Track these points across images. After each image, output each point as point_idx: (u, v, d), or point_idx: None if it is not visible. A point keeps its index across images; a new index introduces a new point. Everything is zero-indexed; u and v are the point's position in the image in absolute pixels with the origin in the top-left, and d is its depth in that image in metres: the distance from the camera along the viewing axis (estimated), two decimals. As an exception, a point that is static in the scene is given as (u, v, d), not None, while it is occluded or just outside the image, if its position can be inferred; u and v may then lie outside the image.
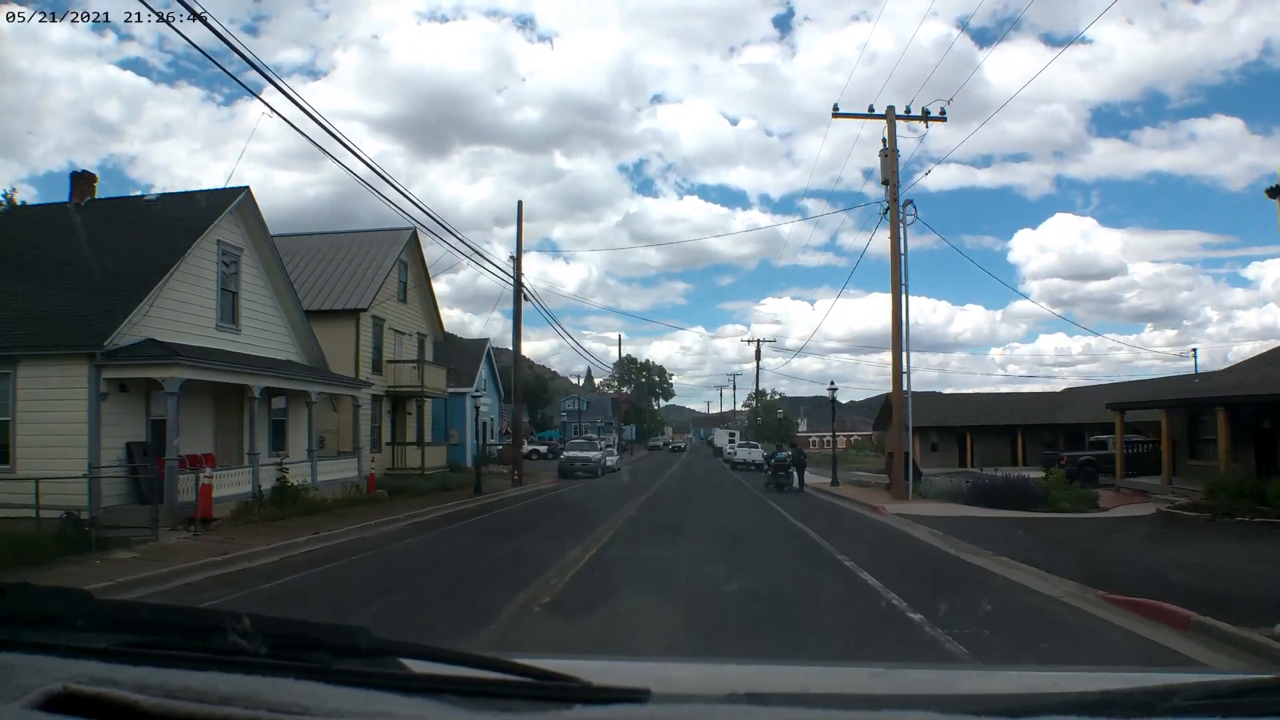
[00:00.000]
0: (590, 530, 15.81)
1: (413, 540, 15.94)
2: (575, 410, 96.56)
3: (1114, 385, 57.68)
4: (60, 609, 1.26)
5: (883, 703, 1.35)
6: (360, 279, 30.51)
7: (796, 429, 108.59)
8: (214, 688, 1.01)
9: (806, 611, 8.76)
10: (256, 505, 19.08)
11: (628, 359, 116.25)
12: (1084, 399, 54.49)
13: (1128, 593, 8.70)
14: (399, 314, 32.74)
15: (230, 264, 21.96)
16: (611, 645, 6.96)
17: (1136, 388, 53.65)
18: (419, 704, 1.09)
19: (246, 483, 19.52)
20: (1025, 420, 51.21)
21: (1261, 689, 1.32)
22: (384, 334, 31.28)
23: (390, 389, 31.32)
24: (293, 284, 30.10)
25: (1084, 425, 51.22)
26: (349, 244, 33.26)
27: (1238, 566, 11.36)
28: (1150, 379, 52.74)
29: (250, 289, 22.88)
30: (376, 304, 30.25)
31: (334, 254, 32.46)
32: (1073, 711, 1.16)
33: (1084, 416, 50.87)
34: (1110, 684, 1.60)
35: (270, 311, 23.93)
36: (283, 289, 24.43)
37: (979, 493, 20.14)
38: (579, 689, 1.19)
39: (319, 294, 30.11)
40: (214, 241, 21.24)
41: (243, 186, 22.44)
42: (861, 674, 1.90)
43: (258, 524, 17.43)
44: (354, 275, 30.79)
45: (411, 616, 8.38)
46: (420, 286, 34.87)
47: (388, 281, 31.05)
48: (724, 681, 1.51)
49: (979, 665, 6.11)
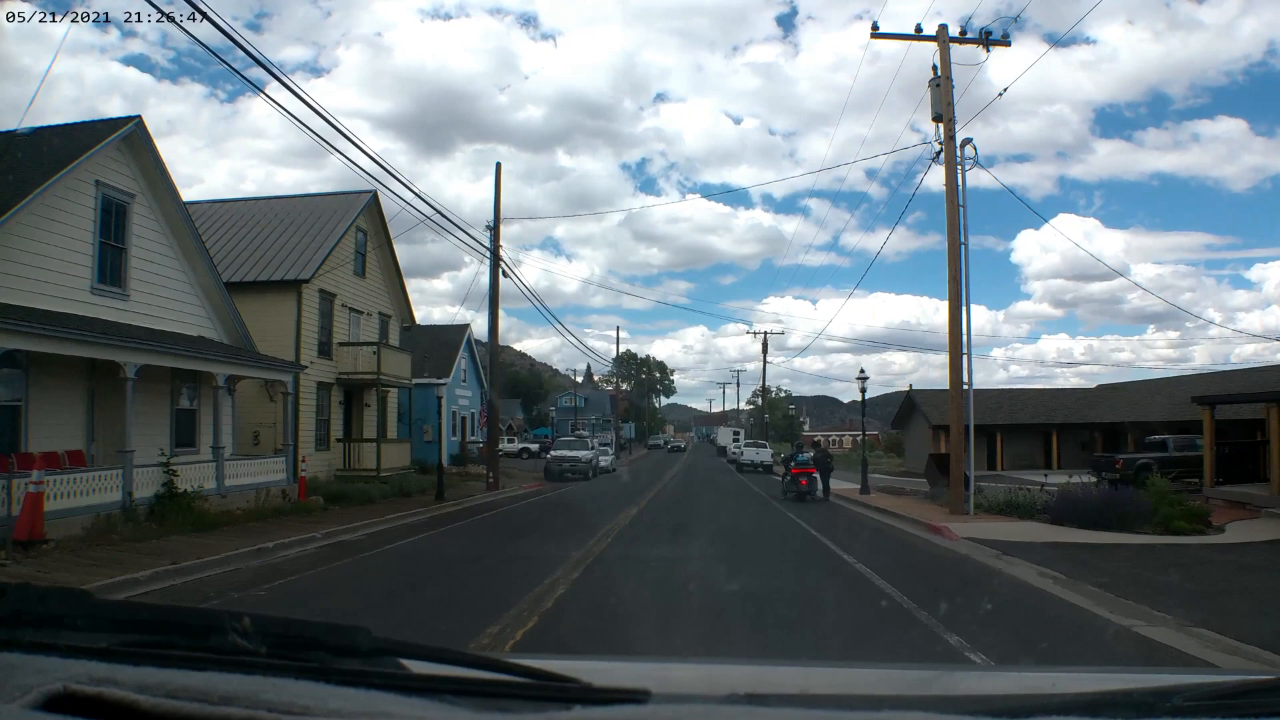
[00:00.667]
0: (553, 563, 11.28)
1: (304, 576, 11.36)
2: (572, 407, 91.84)
3: (1148, 382, 52.99)
4: (60, 609, 1.27)
5: (883, 703, 1.32)
6: (305, 247, 25.92)
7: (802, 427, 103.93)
8: (214, 687, 1.00)
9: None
10: (124, 520, 14.54)
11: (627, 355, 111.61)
12: (1120, 396, 49.89)
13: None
14: (355, 290, 28.16)
15: (115, 212, 17.40)
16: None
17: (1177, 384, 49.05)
18: (419, 704, 1.07)
19: (114, 489, 14.95)
20: (1059, 419, 46.54)
21: (1262, 689, 1.28)
22: (334, 312, 26.69)
23: (343, 376, 26.75)
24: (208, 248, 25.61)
25: (1123, 424, 46.65)
26: (295, 209, 28.66)
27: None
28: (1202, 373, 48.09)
29: (146, 247, 18.32)
30: (324, 275, 25.66)
31: (275, 220, 27.88)
32: (1073, 711, 1.14)
33: (1122, 415, 46.22)
34: (1110, 684, 1.58)
35: (175, 277, 19.37)
36: (194, 252, 19.87)
37: (1067, 508, 15.56)
38: (579, 689, 1.18)
39: (253, 263, 25.55)
40: (91, 182, 16.70)
41: (133, 116, 17.87)
42: (861, 674, 1.90)
43: (115, 545, 13.01)
44: (298, 243, 26.20)
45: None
46: (383, 259, 30.27)
47: (339, 250, 26.45)
48: (724, 681, 1.50)
49: (979, 665, 6.09)
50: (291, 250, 25.82)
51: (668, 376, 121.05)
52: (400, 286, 31.47)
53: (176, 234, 19.38)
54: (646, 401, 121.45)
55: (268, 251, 25.96)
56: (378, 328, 29.87)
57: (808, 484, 23.19)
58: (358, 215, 27.75)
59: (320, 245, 25.92)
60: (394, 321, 31.33)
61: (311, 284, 24.95)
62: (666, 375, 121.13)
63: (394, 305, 31.29)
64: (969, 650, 6.70)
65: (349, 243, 27.58)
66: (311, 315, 25.23)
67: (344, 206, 28.32)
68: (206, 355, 17.73)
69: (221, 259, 25.72)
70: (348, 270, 27.60)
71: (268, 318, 24.37)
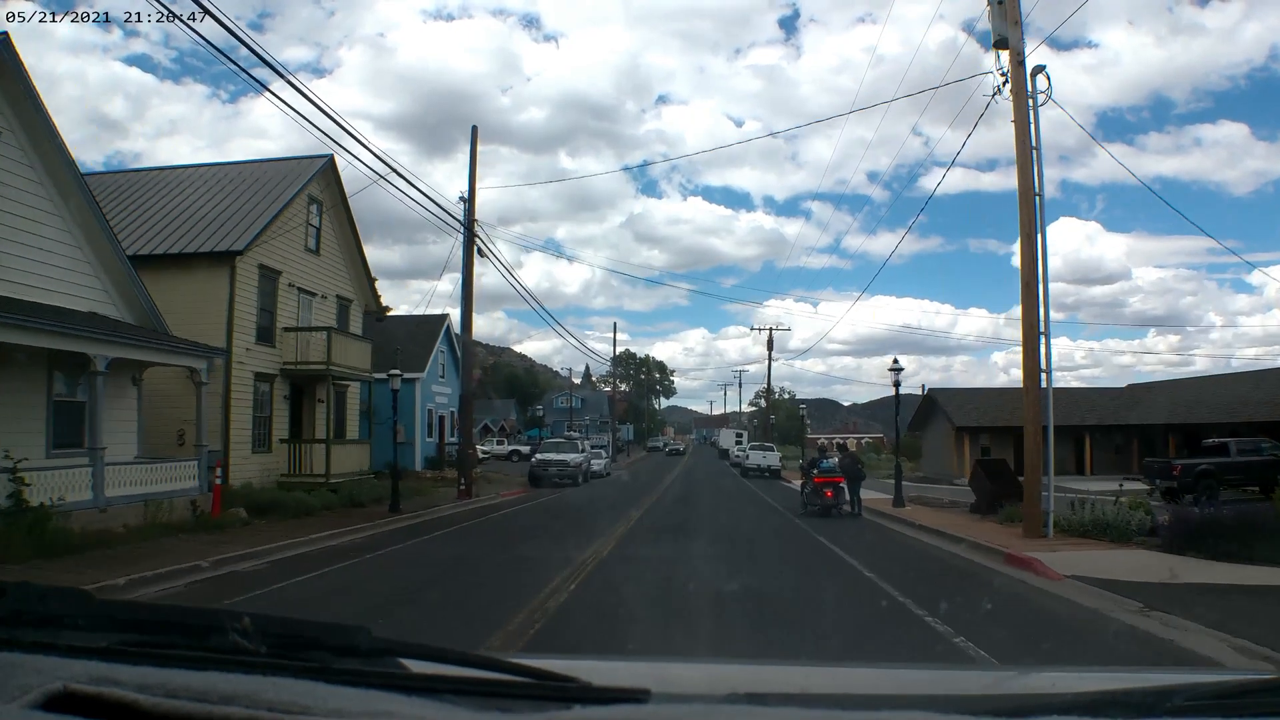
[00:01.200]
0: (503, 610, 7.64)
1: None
2: (568, 408, 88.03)
3: (1187, 381, 49.21)
4: (60, 608, 1.26)
5: (883, 703, 1.32)
6: (242, 215, 22.22)
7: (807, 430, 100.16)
8: (214, 687, 0.99)
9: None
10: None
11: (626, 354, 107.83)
12: (1157, 396, 46.06)
13: None
14: (307, 268, 24.45)
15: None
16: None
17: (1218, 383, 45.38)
18: (419, 704, 1.07)
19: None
20: (1091, 420, 42.73)
21: (1262, 689, 1.28)
22: (279, 292, 22.97)
23: (289, 367, 23.03)
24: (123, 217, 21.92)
25: (1160, 426, 42.92)
26: (235, 176, 24.97)
27: None
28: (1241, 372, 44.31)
29: (16, 199, 14.65)
30: (264, 247, 21.96)
31: (211, 187, 24.19)
32: (1073, 711, 1.13)
33: (1163, 416, 42.42)
34: (1110, 684, 1.56)
35: (58, 239, 15.67)
36: (84, 210, 16.16)
37: (1185, 531, 11.80)
38: (579, 689, 1.17)
39: (179, 235, 21.84)
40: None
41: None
42: (861, 674, 1.92)
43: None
44: (234, 211, 22.50)
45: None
46: (342, 235, 26.57)
47: (284, 220, 22.74)
48: (724, 681, 1.48)
49: (979, 665, 5.97)
50: (227, 220, 22.10)
51: (667, 377, 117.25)
52: (363, 267, 27.75)
53: (60, 188, 15.68)
54: (646, 403, 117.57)
55: (199, 221, 22.25)
56: (334, 312, 26.15)
57: (834, 495, 19.20)
58: (308, 181, 24.05)
59: (260, 213, 22.22)
60: (355, 307, 27.62)
61: (248, 257, 21.24)
62: (666, 376, 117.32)
63: (355, 288, 27.58)
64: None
65: (298, 213, 23.89)
66: (248, 294, 21.52)
67: (293, 172, 24.62)
68: (78, 332, 13.99)
69: (141, 230, 22.08)
70: (297, 245, 23.90)
71: (194, 296, 20.71)
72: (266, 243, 22.08)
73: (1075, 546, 12.59)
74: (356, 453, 24.60)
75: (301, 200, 23.96)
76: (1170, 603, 8.35)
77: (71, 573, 10.50)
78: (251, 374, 21.60)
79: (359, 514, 19.56)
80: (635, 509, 22.05)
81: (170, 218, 22.67)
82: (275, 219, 22.09)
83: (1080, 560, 11.14)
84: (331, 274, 26.00)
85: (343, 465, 23.32)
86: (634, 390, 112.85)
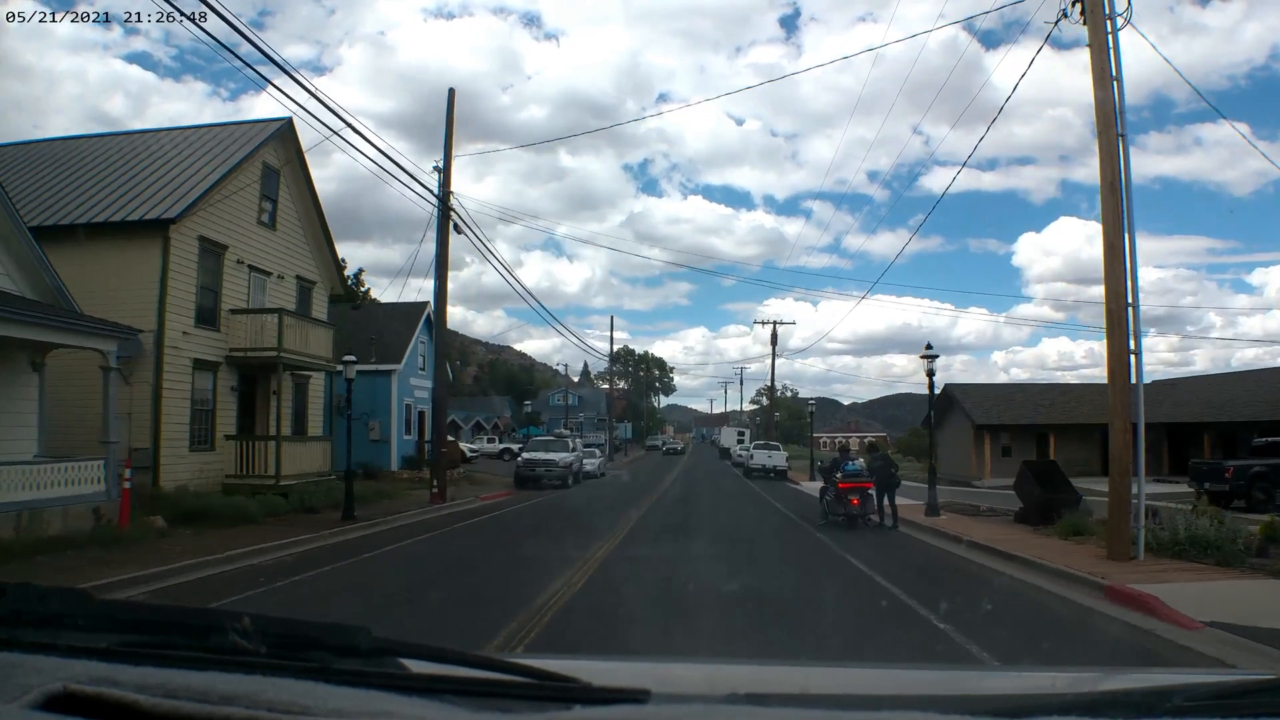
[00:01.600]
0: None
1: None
2: (565, 405, 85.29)
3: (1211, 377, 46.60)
4: (60, 609, 1.25)
5: (883, 703, 1.28)
6: (180, 182, 19.51)
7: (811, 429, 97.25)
8: (214, 687, 0.99)
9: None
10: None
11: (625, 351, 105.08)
12: (1181, 393, 43.38)
13: None
14: (260, 244, 21.74)
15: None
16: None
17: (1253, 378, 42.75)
18: (419, 704, 1.06)
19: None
20: (1121, 418, 39.97)
21: (1262, 689, 1.27)
22: (225, 269, 20.26)
23: (237, 354, 20.32)
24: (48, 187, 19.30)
25: (1193, 424, 40.27)
26: (181, 142, 22.27)
27: None
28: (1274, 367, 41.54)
29: None
30: (206, 219, 19.28)
31: (151, 154, 21.50)
32: (1073, 712, 1.12)
33: (1195, 414, 39.77)
34: (1110, 684, 1.57)
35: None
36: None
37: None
38: (579, 689, 1.17)
39: (104, 202, 19.16)
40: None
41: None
42: (861, 674, 1.89)
43: None
44: (173, 178, 19.80)
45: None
46: (303, 210, 23.87)
47: (230, 188, 20.03)
48: (724, 681, 1.47)
49: (979, 665, 5.93)
50: (164, 187, 19.40)
51: (667, 374, 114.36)
52: (327, 245, 25.04)
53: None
54: (645, 401, 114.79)
55: (131, 189, 19.55)
56: (294, 295, 23.46)
57: (860, 504, 16.21)
58: (260, 146, 21.33)
59: (202, 179, 19.51)
60: (319, 290, 24.92)
61: (185, 227, 18.55)
62: (666, 373, 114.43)
63: (319, 269, 24.88)
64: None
65: (249, 181, 21.18)
66: (186, 270, 18.81)
67: (245, 136, 21.92)
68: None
69: (65, 200, 19.41)
70: (248, 217, 21.21)
71: (122, 272, 18.09)
72: (208, 212, 19.40)
73: (1180, 574, 9.86)
74: (315, 451, 21.90)
75: (253, 167, 21.25)
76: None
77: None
78: (189, 360, 18.89)
79: (306, 522, 16.88)
80: (631, 515, 19.35)
81: (99, 186, 20.00)
82: (218, 185, 19.38)
83: (1202, 596, 8.44)
84: (291, 252, 23.30)
85: (298, 465, 20.63)
86: (632, 388, 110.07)
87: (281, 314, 20.42)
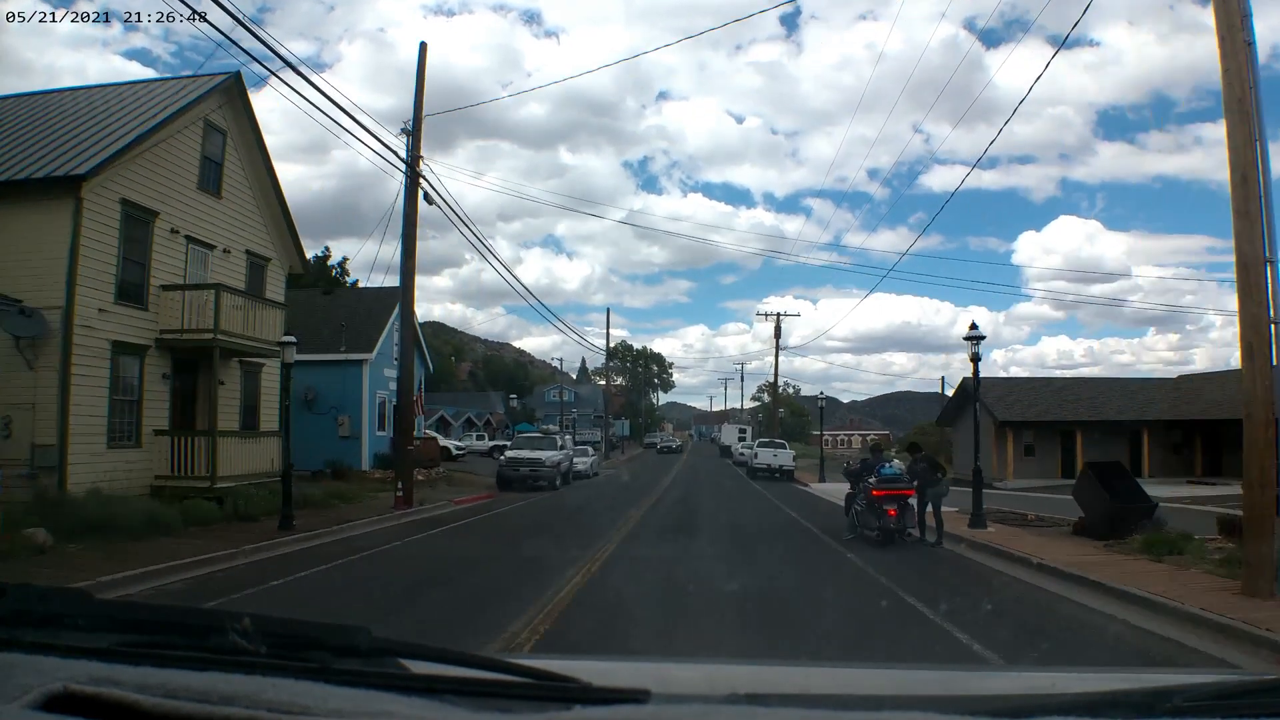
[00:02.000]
0: None
1: None
2: (560, 401, 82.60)
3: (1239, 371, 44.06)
4: (60, 609, 1.25)
5: (883, 703, 1.28)
6: (100, 138, 16.84)
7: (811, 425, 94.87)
8: (214, 687, 0.99)
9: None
10: None
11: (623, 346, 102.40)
12: (1213, 389, 40.66)
13: None
14: (201, 213, 19.07)
15: None
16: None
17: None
18: (419, 704, 1.06)
19: None
20: (1152, 414, 37.33)
21: (1263, 689, 1.26)
22: (155, 238, 17.59)
23: (169, 336, 17.66)
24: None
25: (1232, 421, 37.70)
26: (113, 98, 19.57)
27: None
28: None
29: None
30: (132, 180, 16.64)
31: (78, 110, 18.81)
32: (1073, 712, 1.11)
33: (1229, 410, 37.13)
34: (1110, 684, 1.54)
35: None
36: None
37: None
38: (579, 689, 1.15)
39: (16, 160, 16.48)
40: None
41: None
42: (861, 674, 1.86)
43: None
44: (92, 134, 17.11)
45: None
46: (255, 177, 21.18)
47: (161, 145, 17.38)
48: (724, 681, 1.44)
49: (979, 665, 5.88)
50: (80, 144, 16.72)
51: (666, 369, 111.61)
52: (284, 219, 22.34)
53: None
54: (644, 398, 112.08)
55: (44, 147, 16.86)
56: (244, 272, 20.78)
57: (899, 514, 13.17)
58: (199, 100, 18.65)
59: (125, 134, 16.85)
60: (275, 268, 22.22)
61: (102, 187, 15.89)
62: (665, 368, 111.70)
63: (275, 244, 22.19)
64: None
65: (187, 141, 18.52)
66: (104, 237, 16.15)
67: (181, 91, 19.25)
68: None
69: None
70: (185, 181, 18.54)
71: (33, 240, 15.45)
72: (133, 171, 16.76)
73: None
74: (265, 449, 19.21)
75: (191, 125, 18.58)
76: None
77: None
78: (107, 343, 16.22)
79: (235, 533, 14.26)
80: (621, 524, 16.71)
81: (13, 145, 17.29)
82: (142, 141, 16.72)
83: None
84: (240, 224, 20.62)
85: (238, 465, 17.97)
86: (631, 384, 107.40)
87: (219, 289, 17.73)
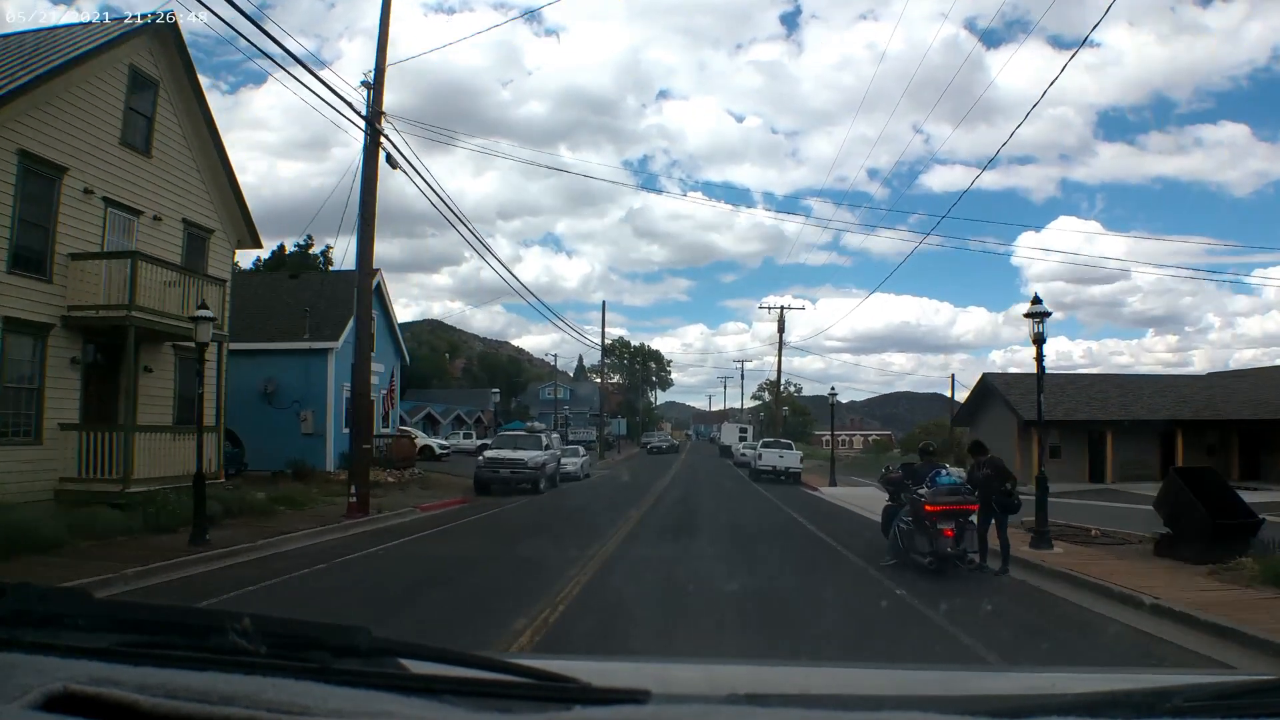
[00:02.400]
0: None
1: None
2: (554, 399, 79.98)
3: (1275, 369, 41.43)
4: (60, 609, 1.25)
5: (883, 703, 1.27)
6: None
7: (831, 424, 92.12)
8: (214, 687, 0.98)
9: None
10: None
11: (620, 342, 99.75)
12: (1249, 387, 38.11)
13: None
14: (125, 173, 16.45)
15: None
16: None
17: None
18: (419, 704, 1.05)
19: None
20: (1187, 414, 34.70)
21: (1263, 690, 1.25)
22: (63, 199, 14.99)
23: (80, 313, 15.07)
24: None
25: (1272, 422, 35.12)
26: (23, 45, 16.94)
27: None
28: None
29: None
30: (33, 129, 14.07)
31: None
32: (1073, 712, 1.11)
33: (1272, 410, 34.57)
34: (1110, 684, 1.53)
35: None
36: None
37: None
38: (579, 689, 1.15)
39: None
40: None
41: None
42: (861, 674, 1.85)
43: None
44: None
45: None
46: (194, 135, 18.55)
47: (69, 91, 14.80)
48: (724, 682, 1.43)
49: (979, 665, 5.86)
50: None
51: (664, 367, 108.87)
52: (231, 186, 19.71)
53: None
54: (641, 396, 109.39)
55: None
56: (181, 244, 18.17)
57: (957, 535, 10.35)
58: (118, 39, 16.05)
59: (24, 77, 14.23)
60: (219, 240, 19.59)
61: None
62: (663, 366, 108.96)
63: (220, 214, 19.56)
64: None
65: (106, 90, 15.92)
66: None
67: (100, 35, 16.62)
68: None
69: None
70: (106, 136, 15.95)
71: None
72: (35, 120, 14.20)
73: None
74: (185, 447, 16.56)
75: (111, 71, 16.01)
76: None
77: None
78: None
79: (134, 549, 11.66)
80: (605, 541, 14.10)
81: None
82: (42, 81, 14.12)
83: None
84: (174, 188, 18.00)
85: (165, 466, 15.42)
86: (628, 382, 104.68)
87: (135, 258, 15.12)
